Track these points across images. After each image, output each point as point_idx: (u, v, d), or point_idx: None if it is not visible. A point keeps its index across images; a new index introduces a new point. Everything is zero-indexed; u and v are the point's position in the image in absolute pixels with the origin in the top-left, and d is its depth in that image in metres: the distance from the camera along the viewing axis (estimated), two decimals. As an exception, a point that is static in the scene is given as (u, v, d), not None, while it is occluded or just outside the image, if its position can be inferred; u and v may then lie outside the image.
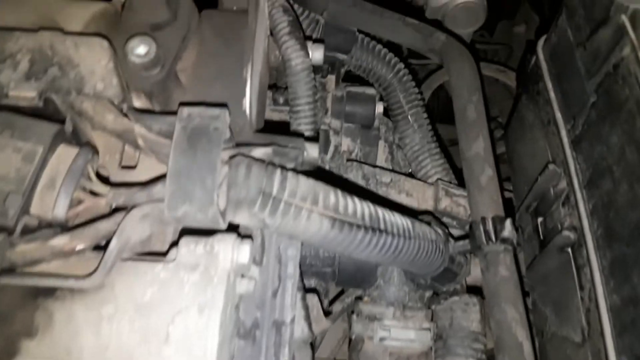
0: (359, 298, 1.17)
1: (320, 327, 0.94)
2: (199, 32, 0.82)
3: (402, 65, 1.31)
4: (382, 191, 1.22)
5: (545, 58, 1.17)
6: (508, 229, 0.95)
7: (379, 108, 1.31)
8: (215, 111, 0.72)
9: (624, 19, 0.86)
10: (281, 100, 1.29)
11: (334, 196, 0.77)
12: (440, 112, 2.09)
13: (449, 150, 1.47)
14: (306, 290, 0.97)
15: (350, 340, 1.15)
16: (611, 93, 0.89)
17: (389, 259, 0.84)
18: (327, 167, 1.22)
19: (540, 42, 1.19)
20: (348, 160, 1.26)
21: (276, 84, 1.25)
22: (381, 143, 1.38)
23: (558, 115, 1.09)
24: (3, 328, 0.65)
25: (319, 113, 1.05)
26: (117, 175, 0.80)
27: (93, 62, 0.73)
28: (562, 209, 1.05)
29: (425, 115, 1.33)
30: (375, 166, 1.26)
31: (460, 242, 1.00)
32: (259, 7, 0.86)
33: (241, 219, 0.74)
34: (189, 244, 0.71)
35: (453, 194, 1.20)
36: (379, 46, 1.31)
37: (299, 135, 0.95)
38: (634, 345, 0.80)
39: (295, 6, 1.13)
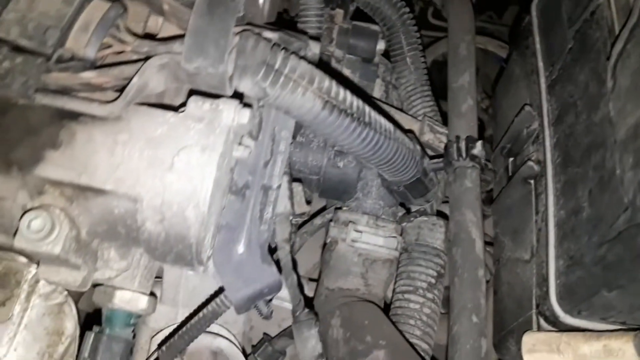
0: (338, 208, 1.28)
1: (301, 210, 1.05)
2: None
3: (407, 8, 1.41)
4: (372, 118, 1.33)
5: (537, 15, 1.27)
6: (478, 148, 1.06)
7: (381, 45, 1.41)
8: (235, -14, 0.82)
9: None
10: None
11: (328, 82, 0.87)
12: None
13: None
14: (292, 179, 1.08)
15: (325, 244, 1.27)
16: (585, 37, 1.00)
17: (368, 152, 0.95)
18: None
19: (535, 1, 1.29)
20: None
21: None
22: (378, 81, 1.48)
23: (540, 64, 1.20)
24: (32, 139, 0.75)
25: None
26: (140, 41, 0.90)
27: None
28: (532, 146, 1.17)
29: (422, 59, 1.43)
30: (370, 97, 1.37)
31: (434, 160, 1.11)
32: None
33: (244, 86, 0.84)
34: (197, 101, 0.82)
35: (437, 131, 1.31)
36: (387, -15, 1.40)
37: (303, 33, 1.05)
38: (570, 248, 0.91)
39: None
